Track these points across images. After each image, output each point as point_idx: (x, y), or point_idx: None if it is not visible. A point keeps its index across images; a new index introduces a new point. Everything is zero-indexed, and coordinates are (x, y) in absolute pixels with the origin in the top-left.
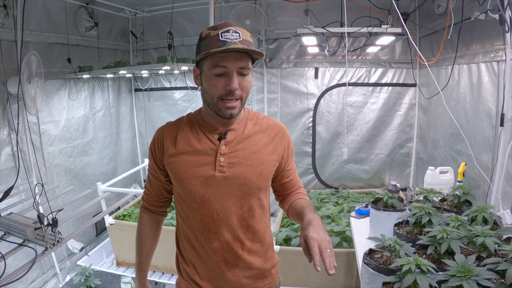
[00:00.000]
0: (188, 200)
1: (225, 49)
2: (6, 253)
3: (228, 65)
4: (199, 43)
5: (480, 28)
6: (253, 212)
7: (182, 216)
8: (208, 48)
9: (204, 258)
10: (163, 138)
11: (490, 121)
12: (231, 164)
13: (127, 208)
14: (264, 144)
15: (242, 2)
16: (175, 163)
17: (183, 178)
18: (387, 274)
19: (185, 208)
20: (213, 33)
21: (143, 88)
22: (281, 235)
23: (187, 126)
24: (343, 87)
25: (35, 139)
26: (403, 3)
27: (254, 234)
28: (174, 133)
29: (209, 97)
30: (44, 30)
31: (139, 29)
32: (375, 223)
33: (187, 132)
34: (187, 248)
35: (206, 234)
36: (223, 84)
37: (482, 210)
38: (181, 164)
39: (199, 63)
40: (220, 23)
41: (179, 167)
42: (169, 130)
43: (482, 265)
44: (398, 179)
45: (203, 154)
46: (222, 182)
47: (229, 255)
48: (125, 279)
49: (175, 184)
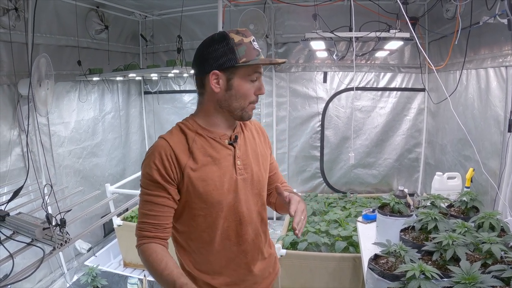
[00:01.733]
0: (214, 211)
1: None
2: (14, 252)
3: (261, 72)
4: (233, 47)
5: (489, 33)
6: (264, 205)
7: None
8: (249, 56)
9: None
10: (174, 153)
11: (498, 126)
12: (245, 166)
13: (135, 209)
14: (258, 141)
15: (251, 6)
16: (199, 177)
17: (211, 191)
18: (392, 280)
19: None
20: (246, 40)
21: (152, 91)
22: (288, 239)
23: (197, 137)
24: (351, 91)
25: (45, 140)
26: (412, 8)
27: (266, 224)
28: (185, 147)
29: (240, 102)
30: (54, 32)
31: (149, 32)
32: (381, 228)
33: (200, 143)
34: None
35: (234, 239)
36: (253, 90)
37: (489, 216)
38: (206, 176)
39: (229, 68)
40: (241, 29)
41: (206, 180)
42: (177, 144)
43: (487, 272)
44: (406, 184)
45: (223, 162)
46: (243, 185)
47: (255, 252)
48: (131, 280)
49: (196, 199)
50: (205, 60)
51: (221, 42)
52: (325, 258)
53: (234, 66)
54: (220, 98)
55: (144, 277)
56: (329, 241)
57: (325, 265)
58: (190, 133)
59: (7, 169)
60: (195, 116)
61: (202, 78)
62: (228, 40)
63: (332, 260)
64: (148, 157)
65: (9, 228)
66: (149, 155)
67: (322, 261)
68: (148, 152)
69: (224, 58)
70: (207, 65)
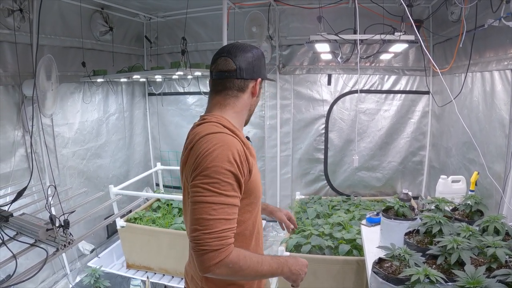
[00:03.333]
0: (257, 207)
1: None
2: (18, 252)
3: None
4: (264, 63)
5: (494, 36)
6: None
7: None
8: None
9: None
10: (245, 153)
11: (503, 130)
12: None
13: (139, 211)
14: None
15: (255, 8)
16: (258, 177)
17: (259, 186)
18: (396, 283)
19: (249, 219)
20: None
21: (156, 93)
22: (292, 241)
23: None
24: (356, 94)
25: (49, 141)
26: (416, 10)
27: None
28: (243, 147)
29: (254, 108)
30: (59, 34)
31: (153, 34)
32: (385, 231)
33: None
34: None
35: (260, 228)
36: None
37: (494, 220)
38: (258, 173)
39: (263, 80)
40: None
41: (258, 177)
42: (242, 144)
43: (492, 276)
44: (410, 187)
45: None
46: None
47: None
48: (134, 281)
49: (249, 195)
50: (257, 67)
51: (261, 56)
52: (328, 261)
53: (263, 79)
54: (253, 102)
55: (147, 279)
56: (332, 244)
57: (329, 268)
58: (239, 133)
59: (11, 170)
60: (226, 115)
61: (245, 82)
62: (263, 56)
63: (336, 263)
64: (223, 153)
65: (13, 228)
66: (222, 152)
67: (326, 264)
68: (217, 149)
69: (264, 71)
70: (257, 72)
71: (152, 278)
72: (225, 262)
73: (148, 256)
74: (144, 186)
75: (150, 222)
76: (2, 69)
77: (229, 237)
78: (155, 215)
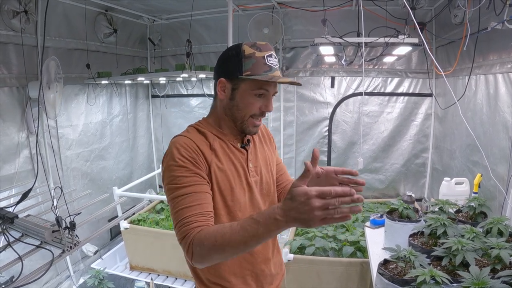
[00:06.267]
0: (234, 211)
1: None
2: (23, 254)
3: (269, 89)
4: (241, 59)
5: (497, 39)
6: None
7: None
8: (255, 70)
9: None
10: (199, 149)
11: (506, 132)
12: (255, 168)
13: (142, 213)
14: (265, 144)
15: (259, 11)
16: (224, 176)
17: (233, 188)
18: (402, 285)
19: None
20: (258, 54)
21: (160, 95)
22: (295, 243)
23: (215, 138)
24: (359, 96)
25: (53, 142)
26: (419, 13)
27: None
28: (207, 144)
29: (241, 114)
30: (64, 35)
31: (157, 36)
32: (390, 233)
33: (219, 144)
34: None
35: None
36: (259, 105)
37: (497, 222)
38: (228, 176)
39: (234, 79)
40: (260, 43)
41: (229, 179)
42: (198, 141)
43: (497, 277)
44: (413, 189)
45: (238, 164)
46: (255, 187)
47: (266, 252)
48: (138, 283)
49: (219, 197)
50: (218, 67)
51: (234, 52)
52: (332, 263)
53: (238, 77)
54: (225, 105)
55: (151, 280)
56: (336, 246)
57: (333, 270)
58: (208, 133)
59: (15, 171)
60: (208, 119)
61: (215, 83)
62: (239, 51)
63: (340, 265)
64: (171, 154)
65: (18, 230)
66: (170, 152)
67: (330, 266)
68: (168, 151)
69: (232, 68)
70: (219, 71)
71: (155, 280)
72: (192, 245)
73: (152, 257)
74: (147, 188)
75: (154, 224)
76: (7, 70)
77: (193, 222)
78: (158, 217)
